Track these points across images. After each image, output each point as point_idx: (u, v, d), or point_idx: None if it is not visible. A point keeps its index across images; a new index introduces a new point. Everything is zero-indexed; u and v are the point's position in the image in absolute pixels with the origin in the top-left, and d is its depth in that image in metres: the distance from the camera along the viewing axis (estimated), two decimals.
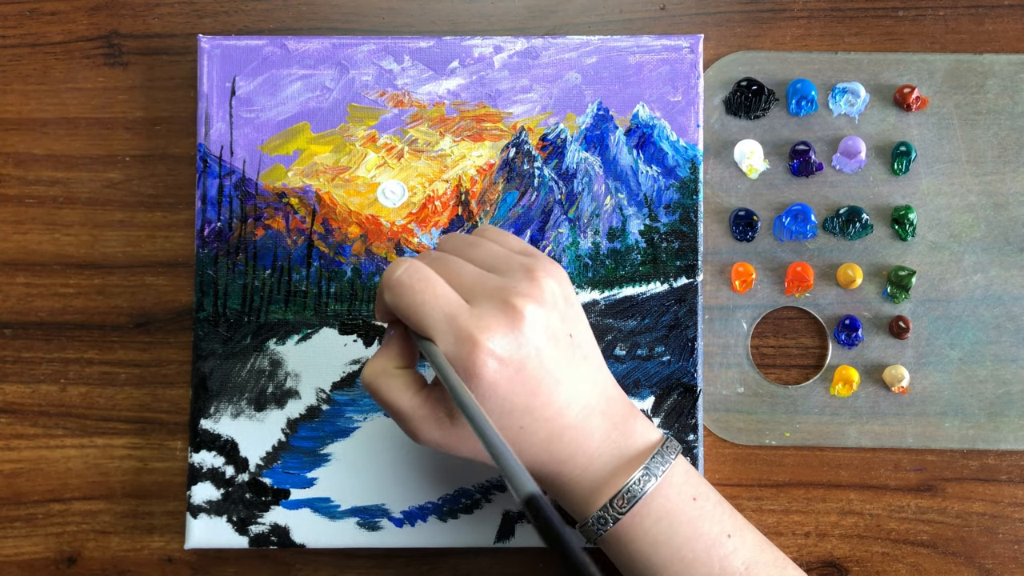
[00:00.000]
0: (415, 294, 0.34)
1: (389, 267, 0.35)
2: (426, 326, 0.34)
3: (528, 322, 0.34)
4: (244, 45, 0.45)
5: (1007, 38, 0.47)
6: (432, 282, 0.35)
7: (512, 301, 0.34)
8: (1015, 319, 0.46)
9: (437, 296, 0.34)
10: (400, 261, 0.35)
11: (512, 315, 0.34)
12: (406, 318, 0.35)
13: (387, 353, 0.37)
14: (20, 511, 0.46)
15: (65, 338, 0.46)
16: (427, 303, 0.34)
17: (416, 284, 0.34)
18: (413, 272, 0.35)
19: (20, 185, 0.47)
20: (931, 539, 0.45)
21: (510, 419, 0.34)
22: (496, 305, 0.34)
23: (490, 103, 0.45)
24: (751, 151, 0.46)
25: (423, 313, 0.34)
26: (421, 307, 0.34)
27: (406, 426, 0.36)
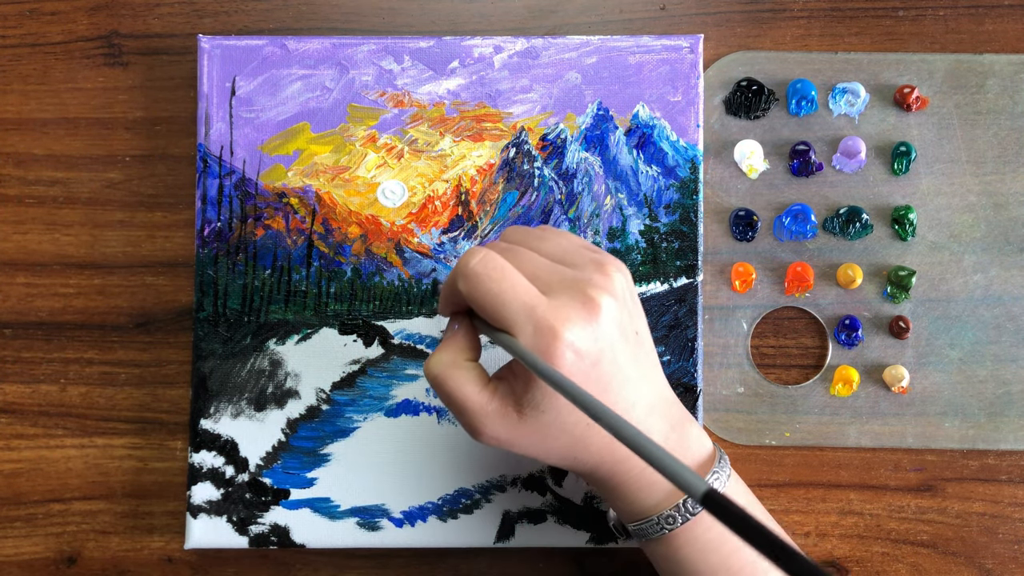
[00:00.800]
0: (492, 283, 0.34)
1: (464, 256, 0.35)
2: (504, 316, 0.33)
3: (604, 315, 0.34)
4: (244, 45, 0.45)
5: (1007, 38, 0.47)
6: (509, 272, 0.34)
7: (589, 293, 0.34)
8: (1015, 319, 0.46)
9: (515, 286, 0.34)
10: (475, 250, 0.35)
11: (590, 307, 0.34)
12: (482, 308, 0.34)
13: (454, 346, 0.36)
14: (20, 511, 0.46)
15: (65, 338, 0.46)
16: (505, 292, 0.34)
17: (493, 273, 0.34)
18: (489, 262, 0.34)
19: (20, 185, 0.47)
20: (931, 539, 0.45)
21: (578, 414, 0.34)
22: (574, 296, 0.34)
23: (490, 103, 0.45)
24: (751, 151, 0.46)
25: (501, 303, 0.33)
26: (498, 296, 0.34)
27: (471, 420, 0.35)
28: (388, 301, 0.45)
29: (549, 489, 0.44)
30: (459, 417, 0.36)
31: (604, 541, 0.44)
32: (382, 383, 0.44)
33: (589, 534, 0.44)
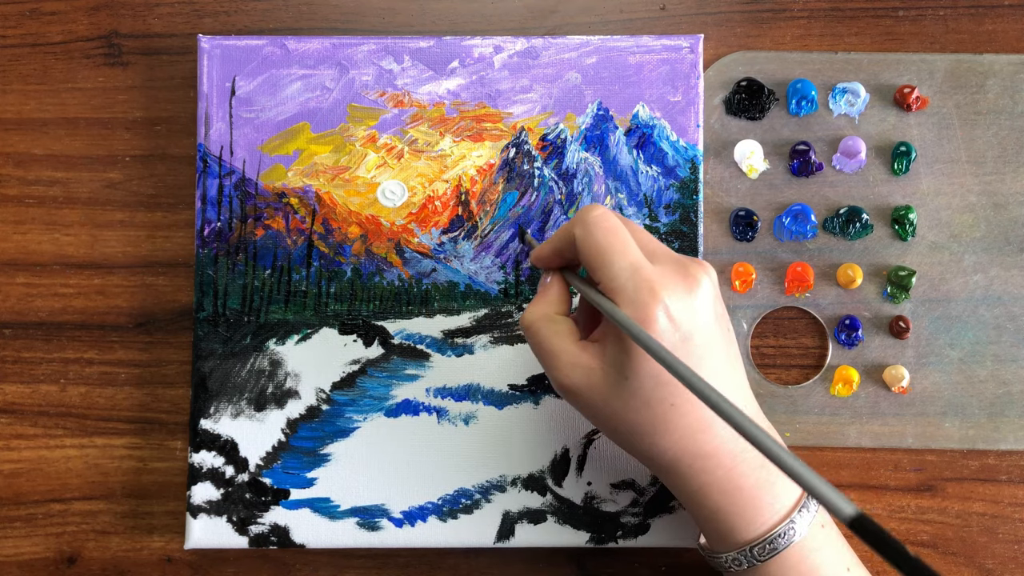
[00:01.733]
0: (608, 234, 0.35)
1: (585, 208, 0.36)
2: (609, 270, 0.34)
3: (703, 292, 0.34)
4: (244, 45, 0.45)
5: (1007, 38, 0.47)
6: (623, 230, 0.35)
7: (690, 268, 0.35)
8: (1015, 319, 0.46)
9: (626, 244, 0.35)
10: (596, 205, 0.36)
11: (690, 281, 0.34)
12: (591, 258, 0.35)
13: (547, 299, 0.37)
14: (20, 511, 0.46)
15: (65, 338, 0.46)
16: (615, 246, 0.34)
17: (609, 226, 0.35)
18: (608, 216, 0.35)
19: (20, 185, 0.47)
20: (931, 539, 0.45)
21: (664, 391, 0.34)
22: (676, 269, 0.34)
23: (490, 103, 0.45)
24: (751, 151, 0.46)
25: (610, 256, 0.34)
26: (609, 248, 0.34)
27: (559, 369, 0.35)
28: (388, 301, 0.45)
29: (549, 489, 0.44)
30: (548, 368, 0.36)
31: (604, 541, 0.44)
32: (382, 383, 0.44)
33: (589, 534, 0.44)
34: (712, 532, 0.37)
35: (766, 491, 0.35)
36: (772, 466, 0.35)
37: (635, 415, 0.34)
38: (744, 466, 0.35)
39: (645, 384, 0.34)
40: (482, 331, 0.45)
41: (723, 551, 0.37)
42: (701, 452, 0.35)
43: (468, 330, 0.45)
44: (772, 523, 0.35)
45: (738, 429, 0.28)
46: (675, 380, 0.33)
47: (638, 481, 0.44)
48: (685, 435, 0.35)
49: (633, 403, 0.34)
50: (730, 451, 0.35)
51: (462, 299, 0.45)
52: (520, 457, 0.44)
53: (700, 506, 0.36)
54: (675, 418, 0.34)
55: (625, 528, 0.44)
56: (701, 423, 0.34)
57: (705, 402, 0.29)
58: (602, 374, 0.35)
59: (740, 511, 0.35)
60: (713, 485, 0.35)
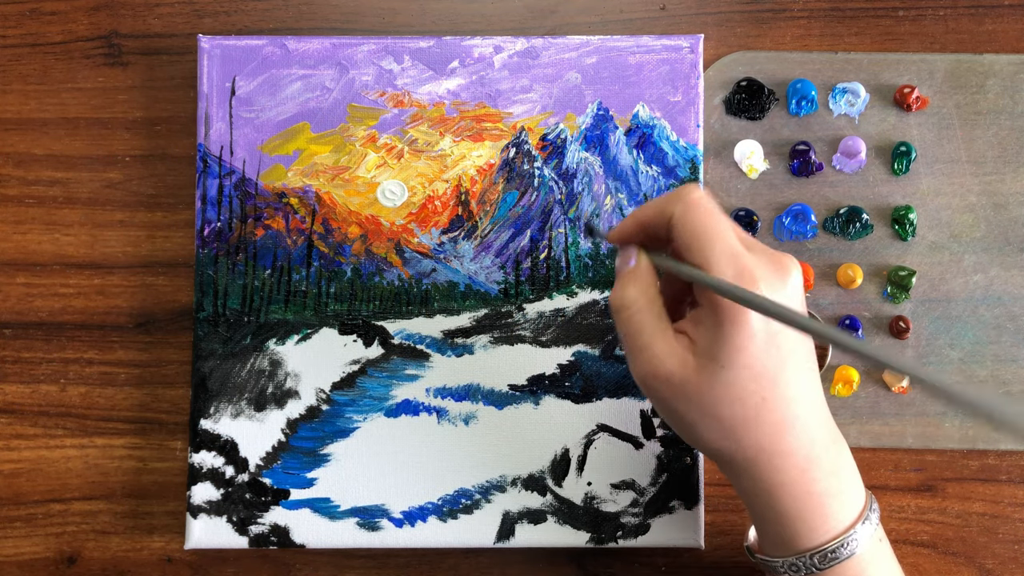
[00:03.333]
0: (709, 216, 0.34)
1: (684, 187, 0.35)
2: (709, 253, 0.34)
3: (793, 281, 0.34)
4: (244, 45, 0.45)
5: (1007, 38, 0.47)
6: (722, 215, 0.35)
7: (781, 259, 0.34)
8: (1015, 319, 0.46)
9: (727, 229, 0.34)
10: (694, 185, 0.35)
11: (783, 271, 0.34)
12: (690, 238, 0.34)
13: (640, 279, 0.36)
14: (20, 511, 0.46)
15: (65, 338, 0.46)
16: (716, 230, 0.34)
17: (713, 210, 0.34)
18: (710, 199, 0.35)
19: (20, 185, 0.47)
20: (931, 539, 0.45)
21: (757, 384, 0.33)
22: (771, 259, 0.34)
23: (490, 103, 0.45)
24: (751, 151, 0.46)
25: (711, 239, 0.34)
26: (710, 231, 0.34)
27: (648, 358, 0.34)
28: (388, 301, 0.45)
29: (549, 489, 0.44)
30: (634, 353, 0.35)
31: (604, 541, 0.44)
32: (382, 383, 0.44)
33: (589, 534, 0.44)
34: (772, 535, 0.36)
35: (835, 499, 0.35)
36: (842, 475, 0.35)
37: (727, 409, 0.34)
38: (817, 471, 0.35)
39: (742, 375, 0.33)
40: (482, 331, 0.45)
41: (779, 555, 0.36)
42: (780, 450, 0.34)
43: (468, 330, 0.45)
44: (836, 532, 0.35)
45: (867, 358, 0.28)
46: (768, 374, 0.33)
47: (638, 481, 0.44)
48: (770, 431, 0.34)
49: (726, 395, 0.34)
50: (807, 454, 0.35)
51: (462, 299, 0.45)
52: (520, 457, 0.44)
53: (768, 507, 0.36)
54: (764, 413, 0.34)
55: (625, 528, 0.44)
56: (786, 421, 0.34)
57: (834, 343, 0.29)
58: (695, 364, 0.34)
59: (808, 516, 0.35)
60: (786, 486, 0.35)
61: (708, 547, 0.45)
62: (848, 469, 0.36)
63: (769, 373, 0.33)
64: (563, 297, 0.45)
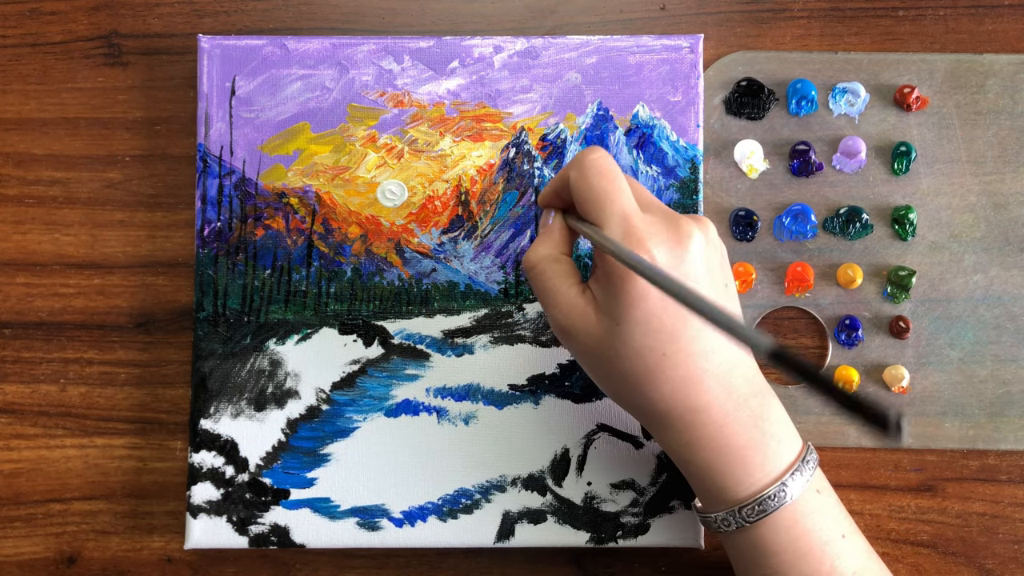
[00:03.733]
0: (601, 179, 0.35)
1: (583, 150, 0.36)
2: (599, 214, 0.34)
3: (693, 246, 0.34)
4: (244, 45, 0.45)
5: (1007, 38, 0.47)
6: (618, 176, 0.35)
7: (680, 222, 0.35)
8: (1015, 319, 0.46)
9: (620, 191, 0.35)
10: (594, 148, 0.36)
11: (679, 234, 0.34)
12: (583, 200, 0.35)
13: (551, 239, 0.37)
14: (20, 511, 0.46)
15: (65, 338, 0.46)
16: (608, 191, 0.34)
17: (604, 171, 0.35)
18: (604, 160, 0.35)
19: (20, 185, 0.47)
20: (931, 539, 0.45)
21: (654, 339, 0.34)
22: (667, 221, 0.35)
23: (490, 103, 0.45)
24: (751, 151, 0.46)
25: (601, 200, 0.34)
26: (601, 193, 0.35)
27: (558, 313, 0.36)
28: (388, 301, 0.45)
29: (549, 489, 0.44)
30: (547, 308, 0.36)
31: (604, 541, 0.44)
32: (382, 383, 0.44)
33: (589, 534, 0.44)
34: (702, 491, 0.37)
35: (757, 451, 0.35)
36: (766, 427, 0.35)
37: (627, 364, 0.34)
38: (736, 424, 0.35)
39: (636, 331, 0.34)
40: (482, 331, 0.45)
41: (713, 511, 0.36)
42: (692, 406, 0.35)
43: (468, 330, 0.45)
44: (763, 484, 0.35)
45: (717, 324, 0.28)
46: (666, 329, 0.33)
47: (638, 481, 0.44)
48: (677, 387, 0.34)
49: (624, 351, 0.34)
50: (721, 407, 0.35)
51: (462, 299, 0.45)
52: (520, 457, 0.44)
53: (689, 462, 0.36)
54: (667, 368, 0.34)
55: (625, 528, 0.44)
56: (693, 375, 0.34)
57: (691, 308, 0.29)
58: (597, 319, 0.35)
59: (730, 469, 0.35)
60: (703, 440, 0.35)
61: (708, 547, 0.45)
62: (774, 420, 0.36)
63: (667, 328, 0.33)
64: None
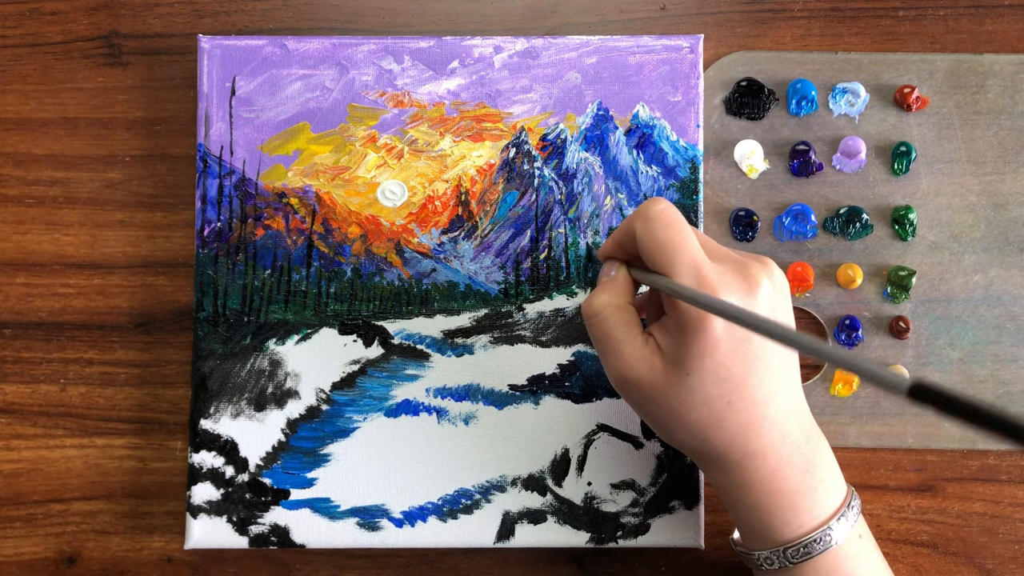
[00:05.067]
0: (669, 230, 0.35)
1: (647, 202, 0.36)
2: (670, 265, 0.35)
3: (762, 294, 0.35)
4: (244, 45, 0.45)
5: (1007, 38, 0.47)
6: (685, 227, 0.35)
7: (751, 271, 0.35)
8: (1015, 319, 0.46)
9: (688, 241, 0.35)
10: (658, 199, 0.36)
11: (750, 283, 0.35)
12: (651, 252, 0.35)
13: (615, 288, 0.37)
14: (20, 511, 0.46)
15: (65, 338, 0.46)
16: (676, 243, 0.35)
17: (671, 222, 0.35)
18: (670, 212, 0.36)
19: (20, 185, 0.47)
20: (931, 539, 0.45)
21: (721, 388, 0.34)
22: (737, 270, 0.35)
23: (490, 103, 0.45)
24: (751, 151, 0.46)
25: (671, 252, 0.35)
26: (670, 244, 0.35)
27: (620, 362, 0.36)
28: (388, 301, 0.45)
29: (549, 489, 0.44)
30: (608, 358, 0.36)
31: (604, 541, 0.44)
32: (382, 383, 0.44)
33: (589, 534, 0.44)
34: (748, 529, 0.37)
35: (807, 496, 0.36)
36: (816, 472, 0.36)
37: (693, 412, 0.35)
38: (788, 469, 0.35)
39: (705, 380, 0.34)
40: (482, 331, 0.45)
41: (757, 549, 0.37)
42: (750, 451, 0.35)
43: (468, 330, 0.45)
44: (809, 527, 0.36)
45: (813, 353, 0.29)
46: (733, 378, 0.34)
47: (638, 481, 0.44)
48: (737, 433, 0.35)
49: (691, 400, 0.35)
50: (776, 452, 0.35)
51: (462, 299, 0.45)
52: (520, 457, 0.44)
53: (739, 502, 0.36)
54: (730, 415, 0.35)
55: (625, 528, 0.44)
56: (754, 422, 0.35)
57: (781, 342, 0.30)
58: (663, 369, 0.35)
59: (780, 512, 0.36)
60: (756, 484, 0.36)
61: (708, 547, 0.45)
62: (824, 466, 0.36)
63: (734, 377, 0.34)
64: (563, 297, 0.45)
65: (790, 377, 0.36)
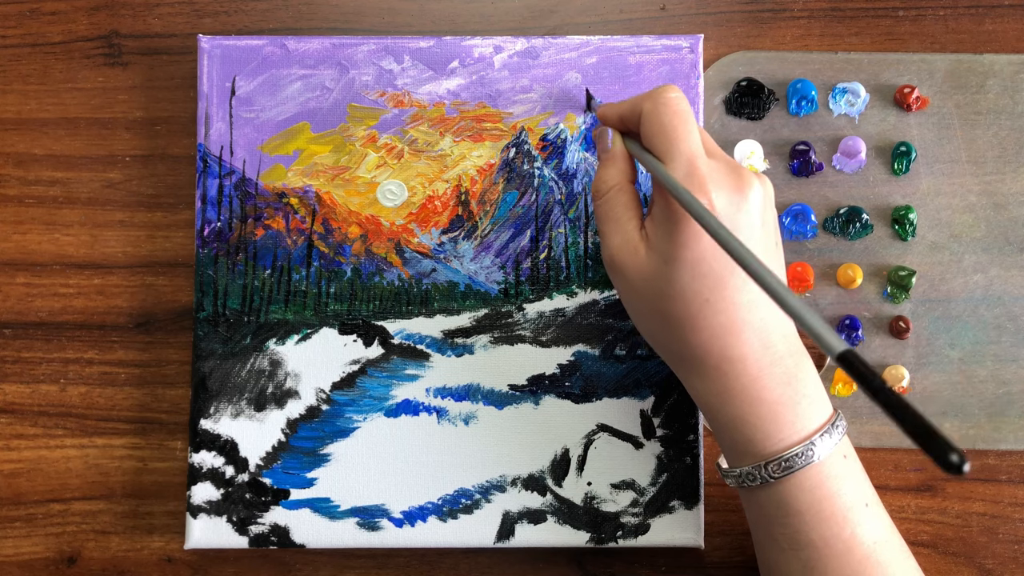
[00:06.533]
0: (675, 117, 0.35)
1: (662, 86, 0.36)
2: (666, 149, 0.35)
3: (752, 195, 0.34)
4: (244, 45, 0.45)
5: (1007, 38, 0.47)
6: (690, 118, 0.35)
7: (743, 173, 0.35)
8: (1015, 319, 0.46)
9: (690, 132, 0.35)
10: (671, 86, 0.36)
11: (740, 182, 0.34)
12: (653, 134, 0.35)
13: (617, 165, 0.38)
14: (20, 511, 0.46)
15: (65, 338, 0.46)
16: (679, 131, 0.35)
17: (680, 111, 0.35)
18: (681, 101, 0.36)
19: (20, 185, 0.47)
20: (931, 539, 0.45)
21: (700, 283, 0.34)
22: (729, 167, 0.35)
23: (490, 103, 0.45)
24: (751, 151, 0.46)
25: (672, 138, 0.35)
26: (673, 131, 0.35)
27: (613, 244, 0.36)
28: (388, 301, 0.45)
29: (549, 489, 0.44)
30: (605, 238, 0.37)
31: (604, 541, 0.44)
32: (382, 383, 0.44)
33: (589, 534, 0.44)
34: (729, 443, 0.36)
35: (789, 408, 0.35)
36: (798, 384, 0.35)
37: (670, 304, 0.34)
38: (769, 379, 0.35)
39: (683, 273, 0.34)
40: (482, 331, 0.45)
41: (738, 465, 0.36)
42: (728, 355, 0.35)
43: (468, 330, 0.45)
44: (791, 442, 0.35)
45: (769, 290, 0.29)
46: (713, 275, 0.34)
47: (638, 481, 0.44)
48: (715, 334, 0.34)
49: (669, 291, 0.34)
50: (757, 360, 0.35)
51: (462, 299, 0.45)
52: (520, 457, 0.44)
53: (719, 412, 0.36)
54: (708, 314, 0.34)
55: (625, 528, 0.44)
56: (733, 325, 0.34)
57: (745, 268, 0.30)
58: (647, 258, 0.35)
59: (759, 423, 0.35)
60: (735, 391, 0.35)
61: (708, 547, 0.45)
62: (808, 382, 0.36)
63: (715, 274, 0.34)
64: (563, 297, 0.45)
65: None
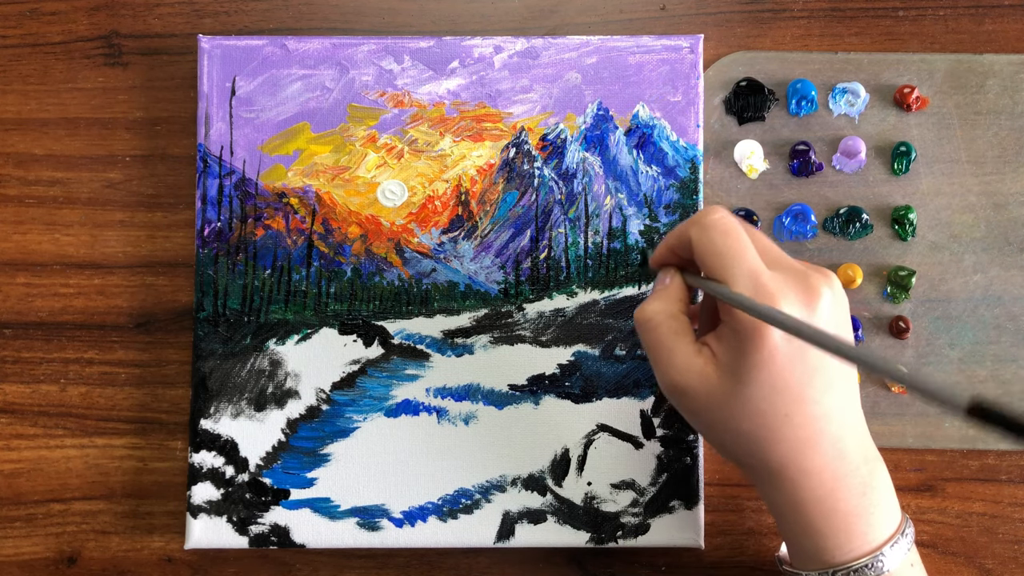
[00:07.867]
0: (726, 238, 0.34)
1: (703, 210, 0.36)
2: (727, 273, 0.34)
3: (822, 305, 0.33)
4: (244, 45, 0.45)
5: (1007, 38, 0.47)
6: (742, 235, 0.34)
7: (811, 281, 0.34)
8: (1015, 319, 0.46)
9: (745, 249, 0.34)
10: (715, 208, 0.35)
11: (810, 293, 0.34)
12: (708, 260, 0.34)
13: (668, 296, 0.36)
14: (20, 511, 0.46)
15: (65, 338, 0.46)
16: (734, 251, 0.34)
17: (729, 229, 0.34)
18: (727, 219, 0.35)
19: (20, 185, 0.47)
20: (931, 539, 0.45)
21: (779, 400, 0.33)
22: (795, 278, 0.34)
23: (490, 103, 0.45)
24: (751, 151, 0.46)
25: (728, 259, 0.34)
26: (727, 252, 0.34)
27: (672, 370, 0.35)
28: (388, 301, 0.45)
29: (549, 489, 0.44)
30: (659, 366, 0.35)
31: (604, 541, 0.44)
32: (382, 383, 0.44)
33: (589, 534, 0.44)
34: (799, 549, 0.36)
35: (862, 519, 0.35)
36: (872, 495, 0.35)
37: (747, 423, 0.34)
38: (845, 491, 0.35)
39: (761, 391, 0.33)
40: (482, 331, 0.45)
41: (804, 569, 0.36)
42: (805, 467, 0.34)
43: (468, 330, 0.45)
44: (862, 552, 0.35)
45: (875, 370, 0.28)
46: (791, 391, 0.33)
47: (638, 481, 0.44)
48: (793, 447, 0.34)
49: (746, 411, 0.34)
50: (833, 472, 0.34)
51: (462, 299, 0.45)
52: (520, 457, 0.44)
53: (793, 521, 0.36)
54: (788, 429, 0.33)
55: (625, 528, 0.44)
56: (812, 438, 0.34)
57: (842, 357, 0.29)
58: (717, 379, 0.34)
59: (831, 533, 0.35)
60: (810, 502, 0.35)
61: (708, 547, 0.45)
62: (880, 490, 0.35)
63: (792, 390, 0.33)
64: (563, 297, 0.45)
65: (850, 393, 0.35)
